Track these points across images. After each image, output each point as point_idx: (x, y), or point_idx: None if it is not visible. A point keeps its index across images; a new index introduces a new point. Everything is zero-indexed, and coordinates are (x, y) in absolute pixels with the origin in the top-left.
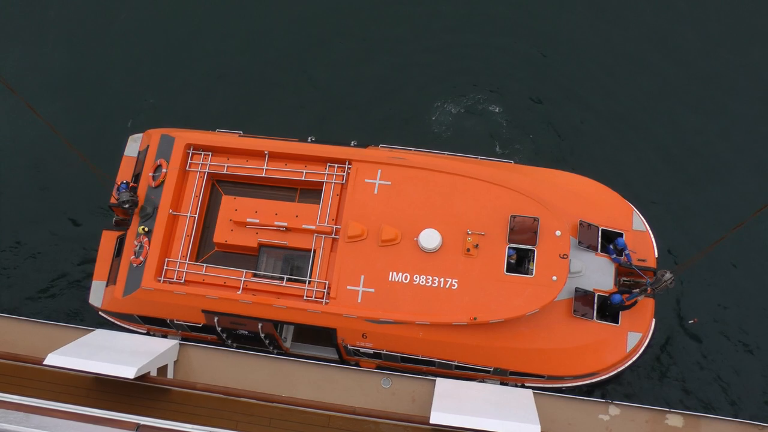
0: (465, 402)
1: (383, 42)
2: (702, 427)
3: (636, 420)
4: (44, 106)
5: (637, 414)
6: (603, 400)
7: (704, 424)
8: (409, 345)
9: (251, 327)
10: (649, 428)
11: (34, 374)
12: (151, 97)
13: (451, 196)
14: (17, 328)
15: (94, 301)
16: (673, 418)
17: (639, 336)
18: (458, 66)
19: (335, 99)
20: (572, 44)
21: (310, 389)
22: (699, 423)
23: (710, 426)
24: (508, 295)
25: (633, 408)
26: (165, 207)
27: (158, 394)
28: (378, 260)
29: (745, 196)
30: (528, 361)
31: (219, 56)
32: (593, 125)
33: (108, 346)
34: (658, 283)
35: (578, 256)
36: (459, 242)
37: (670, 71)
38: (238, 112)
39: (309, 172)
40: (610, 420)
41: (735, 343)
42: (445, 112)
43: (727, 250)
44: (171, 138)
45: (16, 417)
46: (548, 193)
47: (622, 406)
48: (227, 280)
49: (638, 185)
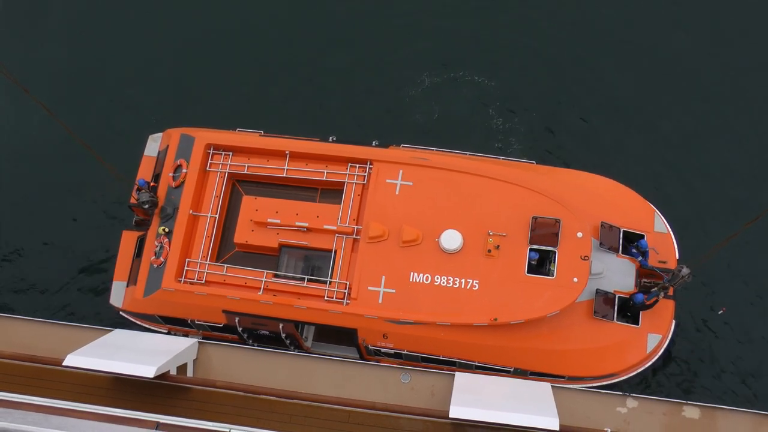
0: (484, 396)
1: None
2: (718, 418)
3: (654, 412)
4: (58, 105)
5: (654, 406)
6: (621, 393)
7: (720, 416)
8: (429, 345)
9: (272, 327)
10: (666, 420)
11: (54, 375)
12: (170, 95)
13: (473, 196)
14: (36, 330)
15: (114, 301)
16: (690, 410)
17: (659, 337)
18: (455, 54)
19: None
20: (579, 35)
21: (330, 386)
22: (715, 414)
23: (727, 417)
24: (528, 297)
25: (650, 400)
26: (185, 207)
27: (178, 393)
28: (399, 261)
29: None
30: (548, 361)
31: (239, 54)
32: (608, 123)
33: (127, 346)
34: (676, 278)
35: (599, 257)
36: (480, 243)
37: (684, 60)
38: (258, 111)
39: (330, 172)
40: (627, 413)
41: (752, 335)
42: (432, 99)
43: (745, 243)
44: (191, 138)
45: (35, 418)
46: (570, 194)
47: (639, 399)
48: (248, 281)
49: (656, 183)
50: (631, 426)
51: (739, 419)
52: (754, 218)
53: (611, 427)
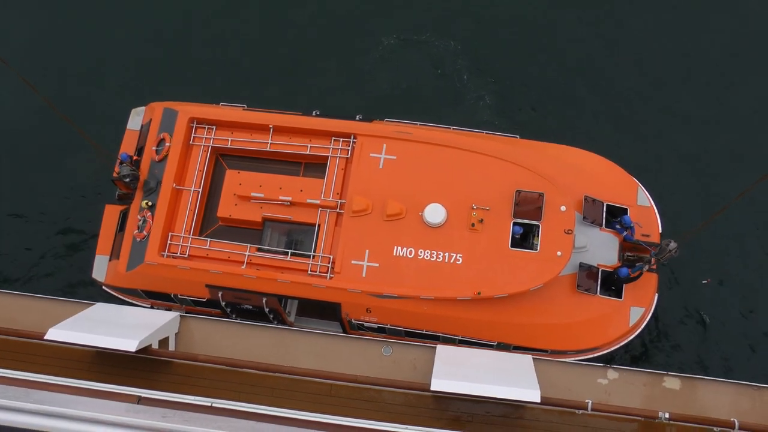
0: (465, 369)
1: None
2: (699, 388)
3: (634, 383)
4: (41, 80)
5: (635, 377)
6: (601, 364)
7: (701, 386)
8: (413, 320)
9: (255, 302)
10: (647, 391)
11: (35, 349)
12: (156, 70)
13: (457, 170)
14: (17, 303)
15: (97, 275)
16: (671, 380)
17: (642, 311)
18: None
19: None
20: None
21: (312, 359)
22: (696, 385)
23: (707, 387)
24: (512, 270)
25: (631, 372)
26: (168, 181)
27: (160, 367)
28: (383, 235)
29: (750, 164)
30: (531, 335)
31: (222, 29)
32: (593, 96)
33: (109, 320)
34: (663, 252)
35: (583, 231)
36: (464, 217)
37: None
38: (242, 85)
39: (314, 146)
40: (608, 384)
41: (735, 307)
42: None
43: (732, 218)
44: (174, 111)
45: (16, 392)
46: (553, 168)
47: (620, 370)
48: (231, 255)
49: (640, 156)
50: (612, 397)
51: (719, 389)
52: (741, 193)
53: (592, 398)
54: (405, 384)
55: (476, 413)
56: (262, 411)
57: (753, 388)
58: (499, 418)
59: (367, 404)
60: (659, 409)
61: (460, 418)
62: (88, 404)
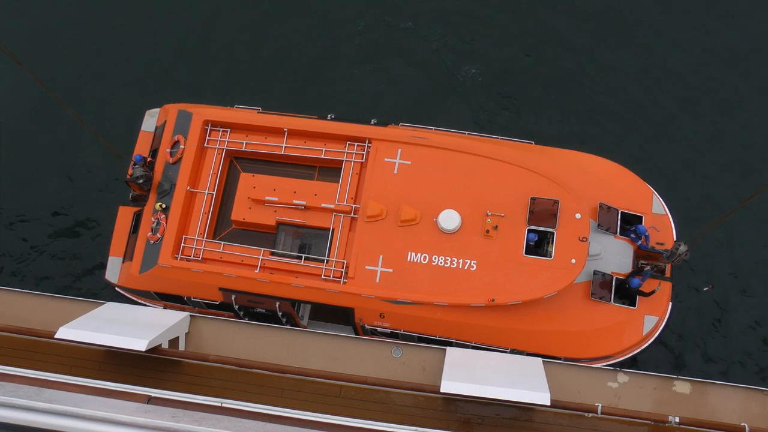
0: (475, 371)
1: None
2: (709, 393)
3: (644, 387)
4: (54, 80)
5: (645, 381)
6: (611, 368)
7: (711, 391)
8: (426, 325)
9: (269, 305)
10: (657, 395)
11: (46, 348)
12: (169, 71)
13: (472, 176)
14: (28, 302)
15: (110, 277)
16: (681, 384)
17: (656, 319)
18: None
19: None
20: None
21: (321, 360)
22: (706, 389)
23: (717, 392)
24: (526, 278)
25: (641, 375)
26: (182, 184)
27: (170, 366)
28: (397, 240)
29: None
30: (545, 343)
31: (239, 32)
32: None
33: (119, 319)
34: (674, 256)
35: (597, 238)
36: (478, 223)
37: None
38: (257, 87)
39: (328, 150)
40: (618, 387)
41: (745, 311)
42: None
43: (741, 220)
44: (188, 114)
45: (27, 391)
46: (568, 174)
47: (630, 374)
48: (245, 258)
49: (656, 163)
50: (622, 400)
51: (729, 394)
52: (751, 195)
53: (602, 401)
54: (415, 386)
55: (486, 415)
56: (272, 412)
57: (764, 392)
58: (509, 421)
59: (376, 406)
60: (669, 413)
61: (469, 420)
62: (98, 403)
